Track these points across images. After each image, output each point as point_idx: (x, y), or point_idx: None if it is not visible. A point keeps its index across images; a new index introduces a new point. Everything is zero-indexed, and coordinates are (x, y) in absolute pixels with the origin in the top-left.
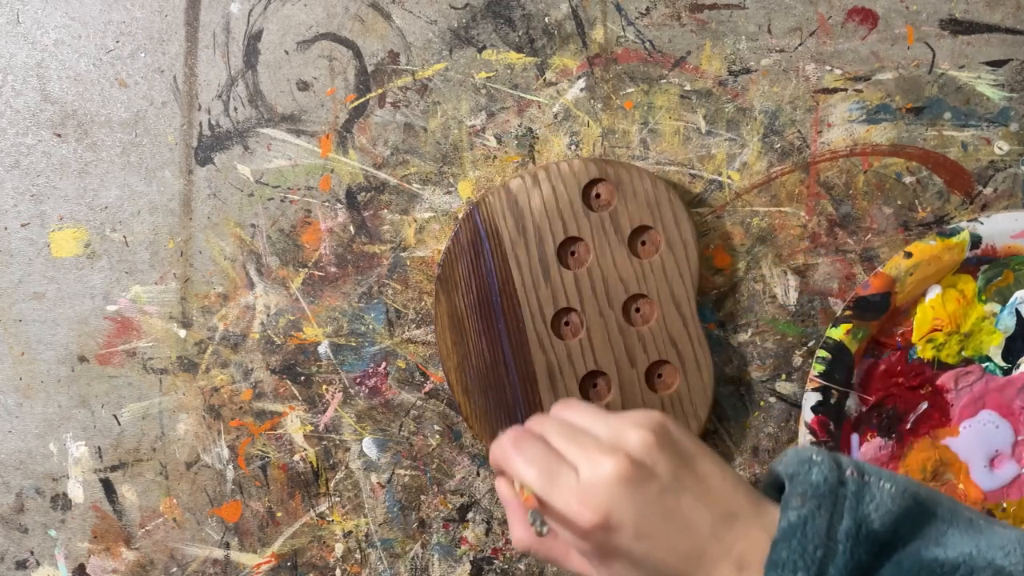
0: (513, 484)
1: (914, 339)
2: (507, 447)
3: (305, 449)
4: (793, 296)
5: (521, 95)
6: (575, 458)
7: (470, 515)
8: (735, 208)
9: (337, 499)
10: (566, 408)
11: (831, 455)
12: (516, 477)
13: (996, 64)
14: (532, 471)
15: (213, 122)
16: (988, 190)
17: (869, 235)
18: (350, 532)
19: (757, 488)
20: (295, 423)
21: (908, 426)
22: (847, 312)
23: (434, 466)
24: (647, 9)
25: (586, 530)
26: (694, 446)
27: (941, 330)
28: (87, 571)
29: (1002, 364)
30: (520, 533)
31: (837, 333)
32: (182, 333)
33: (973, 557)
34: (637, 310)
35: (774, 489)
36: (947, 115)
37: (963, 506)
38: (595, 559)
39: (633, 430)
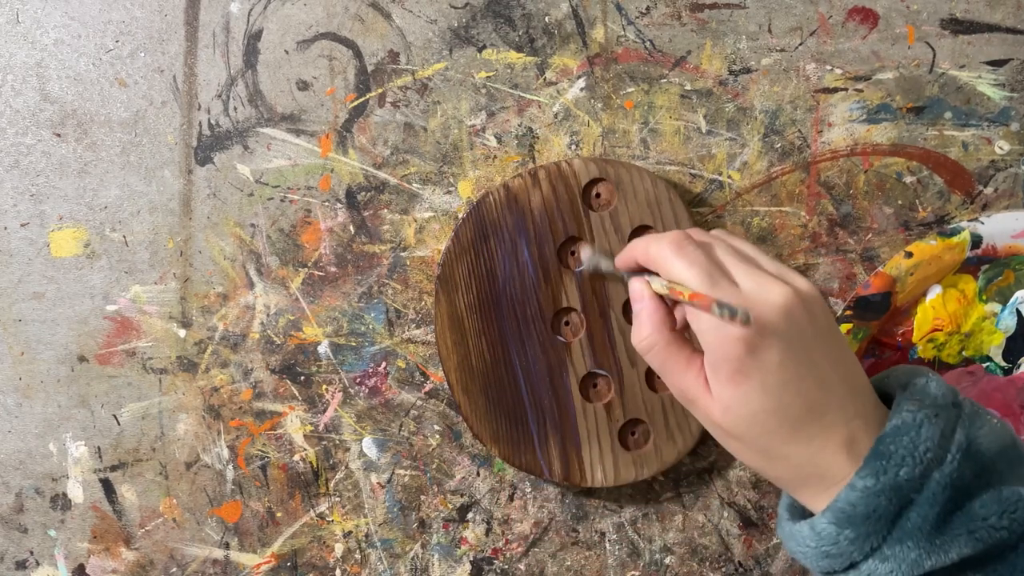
0: (650, 284)
1: (915, 339)
2: (666, 247)
3: (305, 449)
4: None
5: (521, 95)
6: (740, 275)
7: (470, 515)
8: (735, 208)
9: (337, 499)
10: (727, 236)
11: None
12: (674, 275)
13: (997, 64)
14: (694, 272)
15: (213, 122)
16: (989, 190)
17: (869, 235)
18: (350, 532)
19: None
20: (295, 423)
21: None
22: (847, 312)
23: (434, 466)
24: (647, 8)
25: (735, 335)
26: (835, 322)
27: (942, 330)
28: (87, 571)
29: (1003, 364)
30: (647, 331)
31: None
32: (182, 333)
33: None
34: None
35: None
36: (948, 115)
37: None
38: (723, 374)
39: (798, 276)
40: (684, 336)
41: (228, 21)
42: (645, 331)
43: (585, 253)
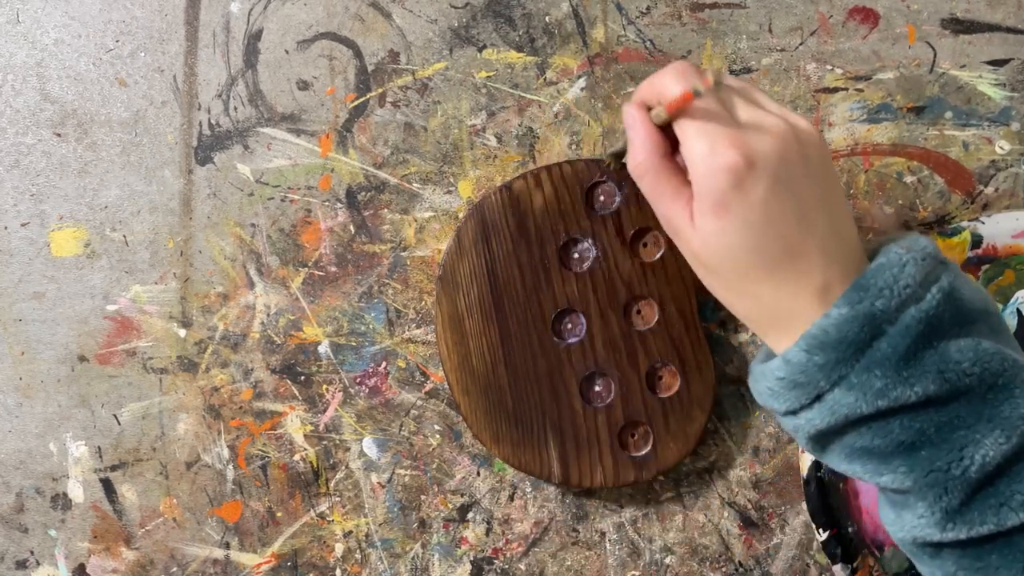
0: (644, 110)
1: None
2: (668, 72)
3: (305, 449)
4: None
5: (521, 94)
6: (739, 108)
7: (470, 515)
8: None
9: (337, 499)
10: (738, 81)
11: None
12: (670, 90)
13: (997, 63)
14: (690, 84)
15: (213, 121)
16: (989, 189)
17: (870, 235)
18: (350, 532)
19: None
20: (295, 423)
21: None
22: None
23: (434, 466)
24: (648, 8)
25: (724, 164)
26: (834, 169)
27: None
28: (87, 571)
29: None
30: (641, 156)
31: None
32: (182, 333)
33: None
34: (638, 311)
35: None
36: (948, 114)
37: None
38: (706, 204)
39: (801, 118)
40: (679, 165)
41: (228, 21)
42: (640, 156)
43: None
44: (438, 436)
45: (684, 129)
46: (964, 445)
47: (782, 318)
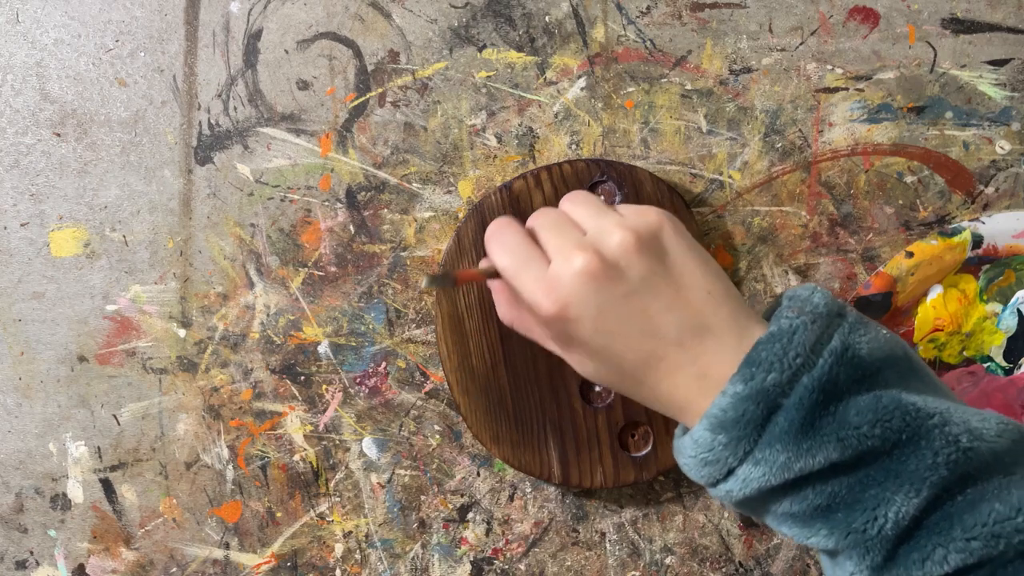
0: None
1: (916, 339)
2: (490, 232)
3: (305, 449)
4: None
5: (521, 94)
6: (552, 250)
7: (470, 515)
8: (736, 207)
9: (337, 499)
10: (571, 200)
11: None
12: (492, 260)
13: (997, 63)
14: (505, 258)
15: (213, 121)
16: (989, 189)
17: (870, 235)
18: (350, 532)
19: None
20: (295, 423)
21: None
22: None
23: (434, 466)
24: (648, 8)
25: (546, 318)
26: (687, 254)
27: (943, 330)
28: (87, 571)
29: (1004, 364)
30: (503, 311)
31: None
32: (182, 333)
33: (950, 413)
34: None
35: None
36: (948, 114)
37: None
38: (557, 343)
39: (618, 230)
40: None
41: (228, 21)
42: (502, 310)
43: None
44: (438, 436)
45: (511, 286)
46: (876, 504)
47: (672, 409)
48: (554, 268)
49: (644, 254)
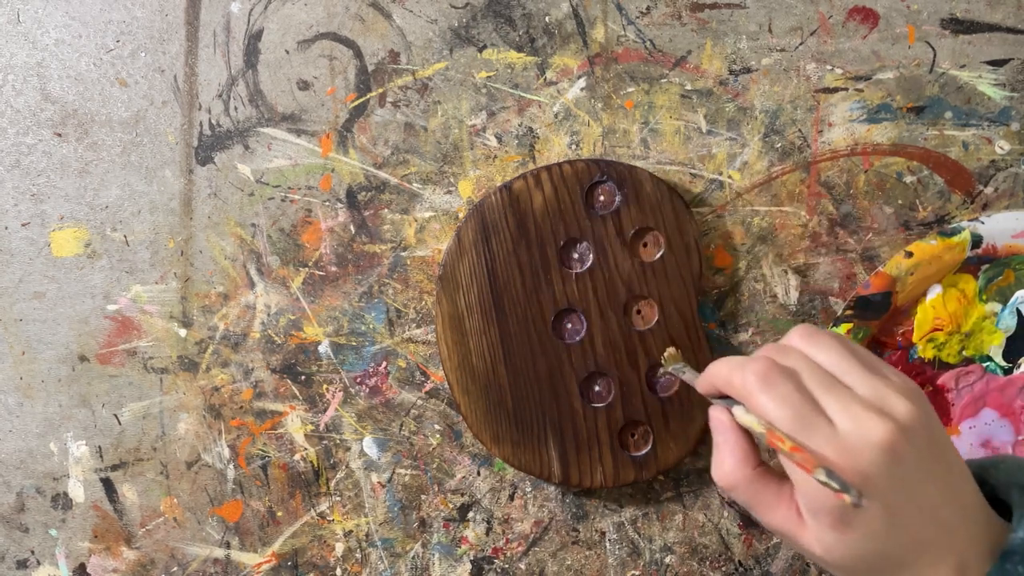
0: (732, 415)
1: (915, 339)
2: (751, 379)
3: (305, 448)
4: (794, 296)
5: (521, 94)
6: (833, 410)
7: (470, 515)
8: (736, 207)
9: (337, 499)
10: (813, 345)
11: None
12: (762, 414)
13: (997, 63)
14: (785, 412)
15: (213, 121)
16: (989, 189)
17: (870, 235)
18: (350, 531)
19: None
20: (295, 423)
21: None
22: (848, 312)
23: (434, 466)
24: (648, 8)
25: (835, 503)
26: (943, 432)
27: (942, 330)
28: (88, 570)
29: (1003, 364)
30: (729, 467)
31: (838, 333)
32: (182, 332)
33: None
34: (638, 311)
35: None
36: (948, 114)
37: None
38: (824, 522)
39: (899, 398)
40: (769, 467)
41: (229, 21)
42: (727, 467)
43: (675, 365)
44: (438, 436)
45: (789, 446)
46: None
47: None
48: (848, 432)
49: (927, 427)
